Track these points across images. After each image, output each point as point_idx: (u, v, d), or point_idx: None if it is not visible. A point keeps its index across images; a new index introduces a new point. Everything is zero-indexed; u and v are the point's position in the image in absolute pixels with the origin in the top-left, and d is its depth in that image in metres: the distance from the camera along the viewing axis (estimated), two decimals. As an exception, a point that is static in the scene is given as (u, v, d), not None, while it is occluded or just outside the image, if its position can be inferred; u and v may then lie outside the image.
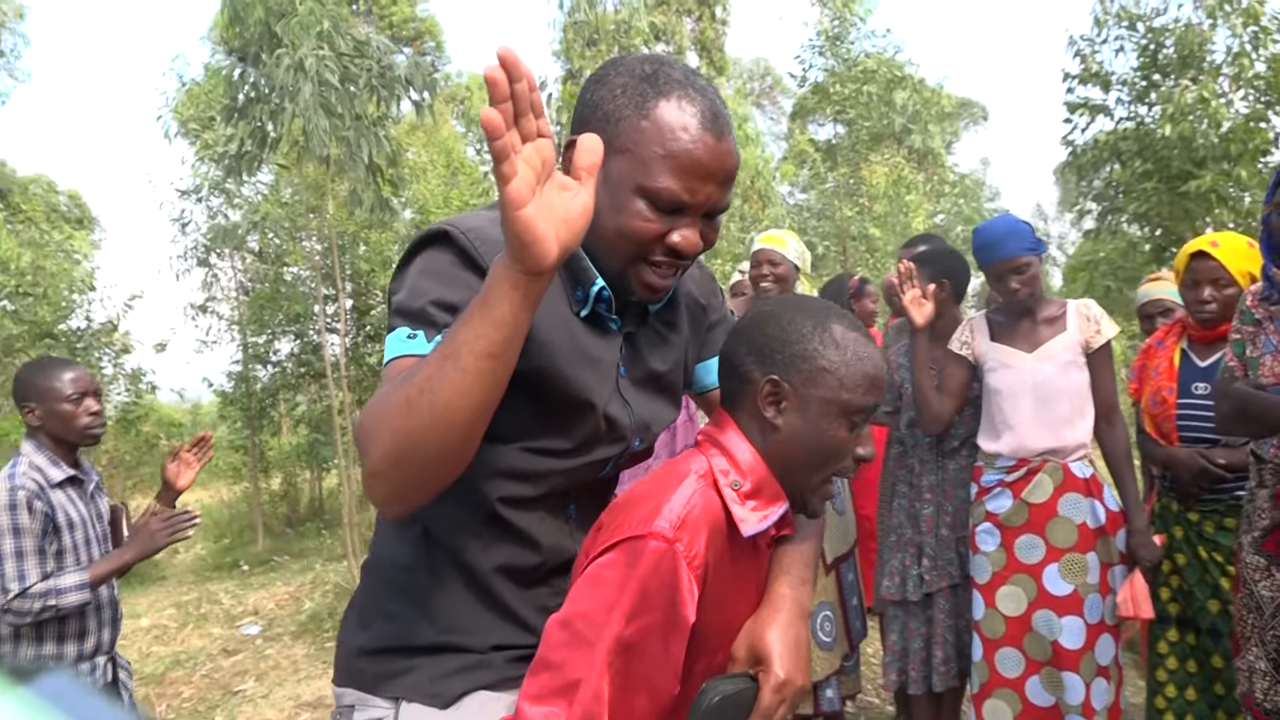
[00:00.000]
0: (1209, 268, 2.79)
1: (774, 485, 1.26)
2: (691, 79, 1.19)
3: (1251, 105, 9.19)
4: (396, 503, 1.08)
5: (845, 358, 1.24)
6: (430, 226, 1.21)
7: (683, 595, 1.14)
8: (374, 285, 9.13)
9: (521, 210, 0.93)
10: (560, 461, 1.26)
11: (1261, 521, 2.41)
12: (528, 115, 0.93)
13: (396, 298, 1.17)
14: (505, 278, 0.97)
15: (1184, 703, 2.87)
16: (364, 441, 1.03)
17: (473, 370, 0.98)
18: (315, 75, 5.21)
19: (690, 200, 1.16)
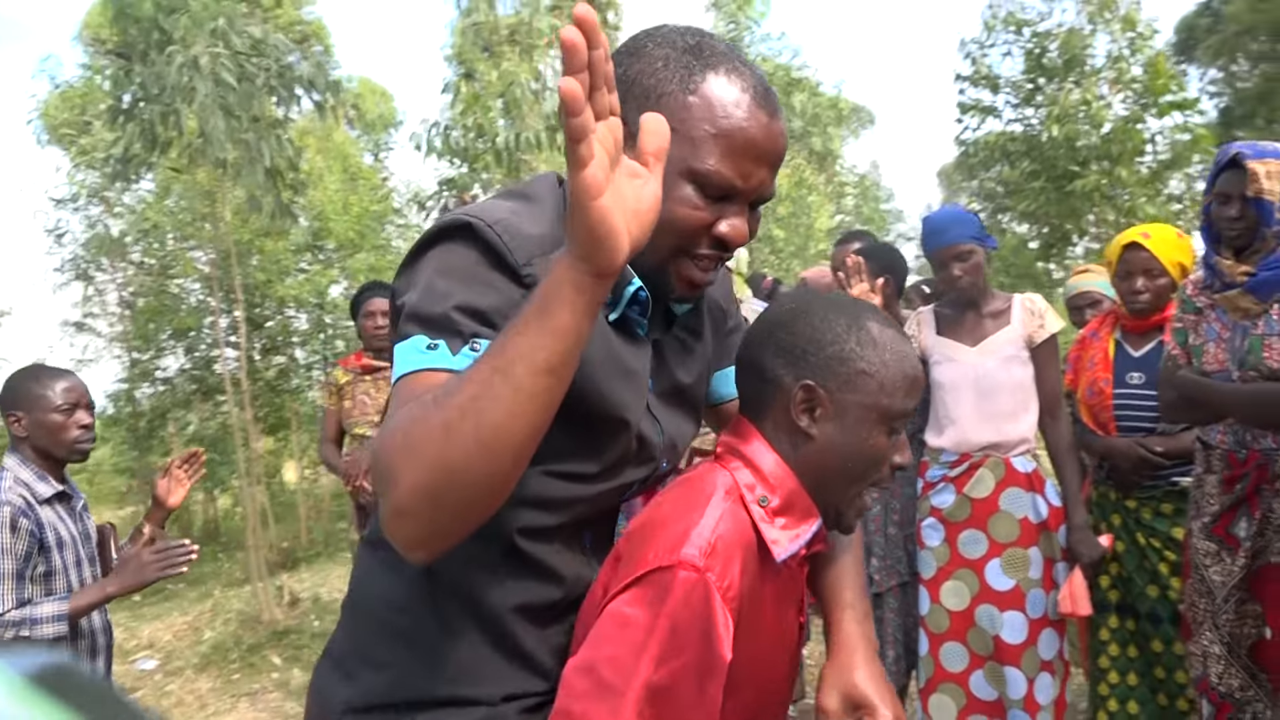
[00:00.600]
0: (1141, 258, 2.83)
1: (805, 500, 1.15)
2: (736, 52, 1.07)
3: (1130, 107, 9.61)
4: (425, 545, 0.91)
5: (885, 358, 1.13)
6: (448, 217, 1.04)
7: (718, 631, 1.02)
8: (270, 296, 8.77)
9: (599, 200, 0.80)
10: (587, 487, 1.12)
11: (1211, 507, 2.44)
12: (602, 89, 0.79)
13: (408, 299, 1.00)
14: (568, 280, 0.83)
15: (1126, 688, 2.91)
16: (389, 473, 0.87)
17: (528, 388, 0.84)
18: (211, 74, 4.92)
19: (742, 185, 1.04)
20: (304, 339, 9.19)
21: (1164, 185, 10.19)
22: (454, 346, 0.95)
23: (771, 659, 1.18)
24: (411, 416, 0.88)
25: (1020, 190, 10.35)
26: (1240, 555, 2.39)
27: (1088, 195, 9.51)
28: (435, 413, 0.85)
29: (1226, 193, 2.36)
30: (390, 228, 10.37)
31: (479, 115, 7.26)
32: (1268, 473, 2.36)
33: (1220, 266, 2.40)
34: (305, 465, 10.21)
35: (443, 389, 0.87)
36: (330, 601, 6.57)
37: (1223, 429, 2.46)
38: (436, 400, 0.87)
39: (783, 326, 1.17)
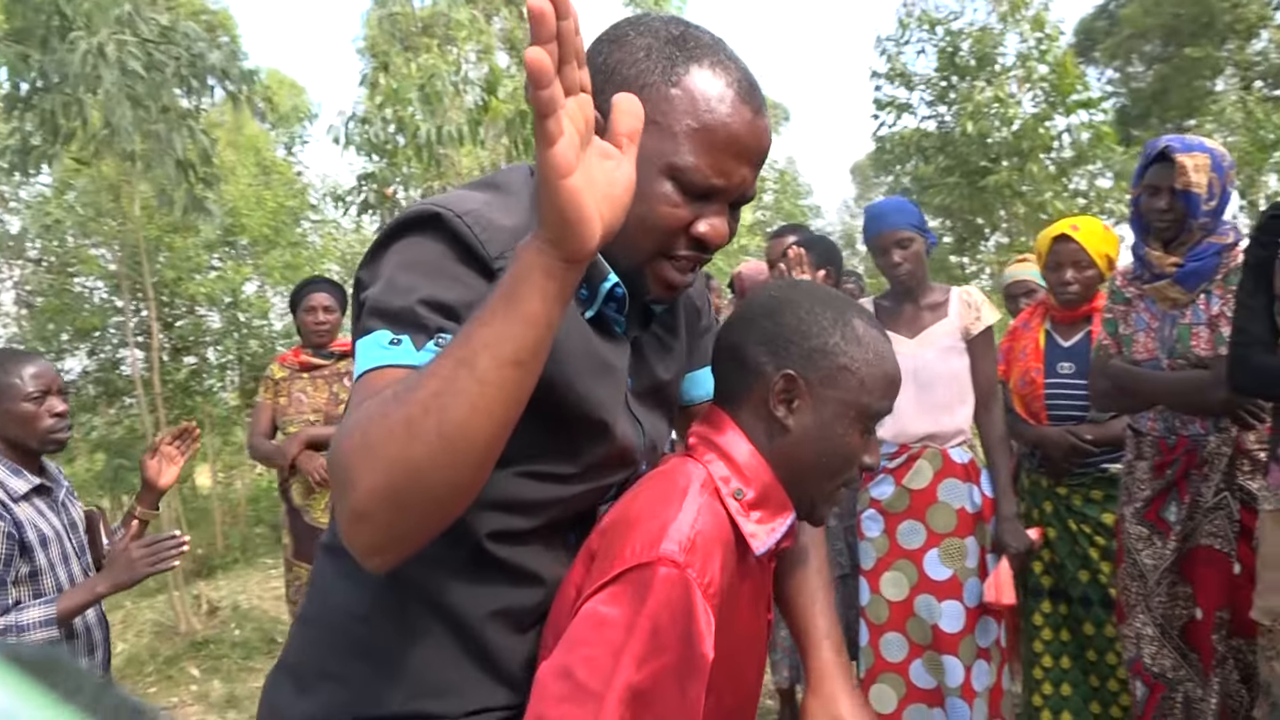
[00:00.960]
0: (1070, 250, 2.89)
1: (780, 493, 1.13)
2: (722, 44, 1.02)
3: (1038, 105, 9.91)
4: (386, 550, 0.85)
5: (867, 356, 1.11)
6: (414, 207, 0.99)
7: (699, 630, 0.98)
8: (180, 295, 8.44)
9: (568, 179, 0.75)
10: (563, 488, 1.07)
11: (1142, 492, 2.51)
12: (572, 62, 0.75)
13: (371, 293, 0.95)
14: (538, 265, 0.79)
15: (1060, 671, 2.98)
16: (346, 475, 0.82)
17: (495, 381, 0.79)
18: (117, 62, 4.69)
19: (724, 184, 1.00)
20: (217, 338, 8.87)
21: (1070, 181, 10.55)
22: (418, 342, 0.91)
23: (746, 658, 1.16)
24: (370, 414, 0.82)
25: (934, 185, 10.59)
26: (1171, 539, 2.46)
27: (999, 190, 9.79)
28: (396, 409, 0.80)
29: (1155, 185, 2.42)
30: (306, 223, 10.09)
31: (398, 109, 7.10)
32: (1196, 458, 2.44)
33: (1149, 258, 2.47)
34: (219, 469, 9.88)
35: (404, 384, 0.82)
36: (250, 609, 6.36)
37: (1153, 416, 2.52)
38: (397, 396, 0.81)
39: (768, 315, 1.14)
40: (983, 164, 9.97)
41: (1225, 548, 2.41)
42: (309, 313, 3.95)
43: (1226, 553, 2.41)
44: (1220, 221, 2.44)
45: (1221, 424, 2.42)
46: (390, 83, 7.48)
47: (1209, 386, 2.32)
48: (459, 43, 9.17)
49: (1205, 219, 2.39)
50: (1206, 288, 2.43)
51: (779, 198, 12.88)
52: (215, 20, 18.32)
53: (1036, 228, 10.31)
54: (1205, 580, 2.44)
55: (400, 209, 6.90)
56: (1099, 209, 10.11)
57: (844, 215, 24.58)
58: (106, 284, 8.58)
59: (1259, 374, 2.07)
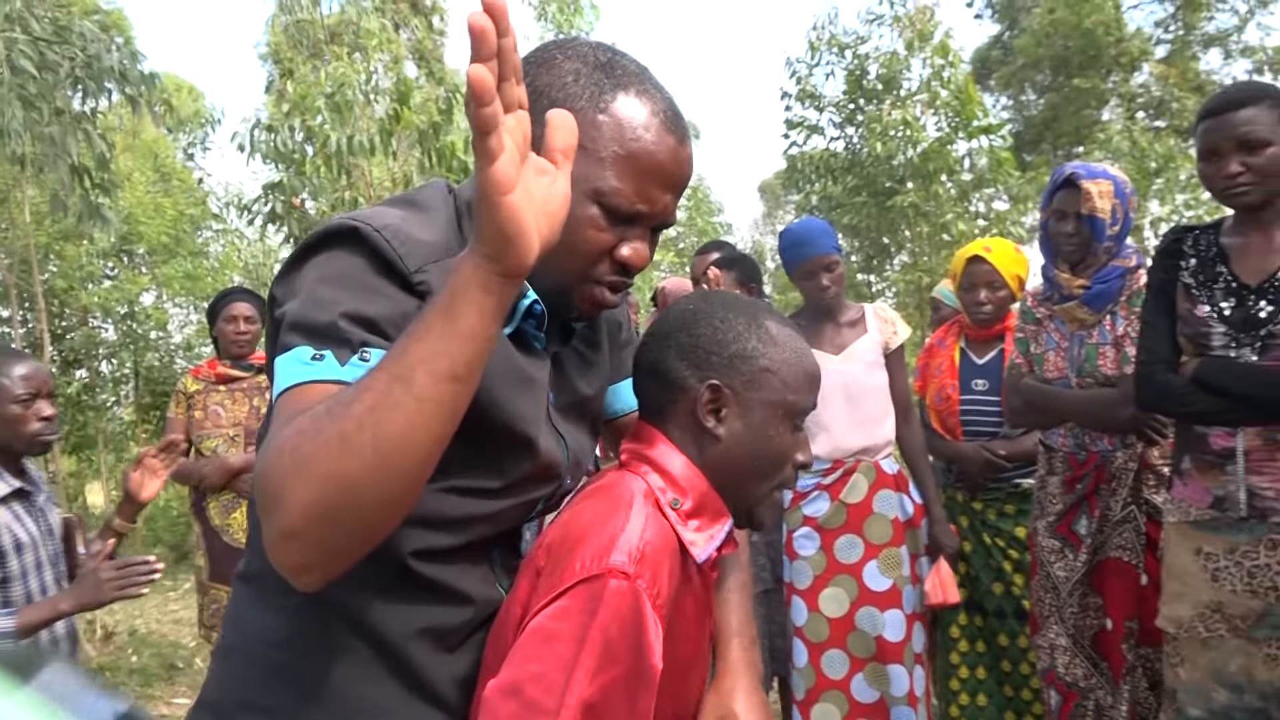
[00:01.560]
0: (984, 271, 2.98)
1: (716, 501, 1.14)
2: (648, 73, 1.05)
3: (941, 129, 10.22)
4: (316, 569, 0.84)
5: (785, 356, 1.14)
6: (331, 221, 0.98)
7: (649, 641, 0.98)
8: (72, 305, 8.06)
9: (509, 196, 0.76)
10: (488, 503, 1.06)
11: (1054, 506, 2.59)
12: (510, 79, 0.76)
13: (289, 308, 0.93)
14: (475, 281, 0.79)
15: (975, 681, 3.05)
16: (275, 493, 0.80)
17: (432, 397, 0.79)
18: (7, 61, 4.46)
19: (647, 209, 1.02)
20: (112, 351, 8.49)
21: (970, 203, 10.90)
22: (342, 357, 0.89)
23: (688, 671, 1.15)
24: (300, 430, 0.80)
25: (843, 205, 10.82)
26: (1082, 551, 2.54)
27: (903, 211, 10.05)
28: (328, 425, 0.79)
29: (1062, 210, 2.51)
30: (208, 232, 9.75)
31: (305, 117, 6.93)
32: (1105, 473, 2.53)
33: (1058, 279, 2.56)
34: (113, 487, 9.44)
35: (335, 400, 0.81)
36: (148, 634, 6.08)
37: (1064, 432, 2.61)
38: (329, 412, 0.80)
39: (683, 329, 1.15)
40: (889, 185, 10.23)
41: (1133, 559, 2.50)
42: (229, 322, 3.80)
43: (1134, 564, 2.50)
44: (1123, 245, 2.54)
45: (1128, 440, 2.51)
46: (297, 90, 7.29)
47: (1116, 404, 2.42)
48: (369, 52, 9.01)
49: (1109, 243, 2.49)
50: (1112, 309, 2.52)
51: (691, 214, 13.00)
52: (109, 20, 17.67)
53: (939, 248, 10.63)
54: (1115, 591, 2.52)
55: (308, 219, 6.71)
56: (998, 230, 10.46)
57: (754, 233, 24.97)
58: (-8, 293, 8.15)
59: (1163, 392, 2.16)
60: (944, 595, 2.85)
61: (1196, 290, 2.13)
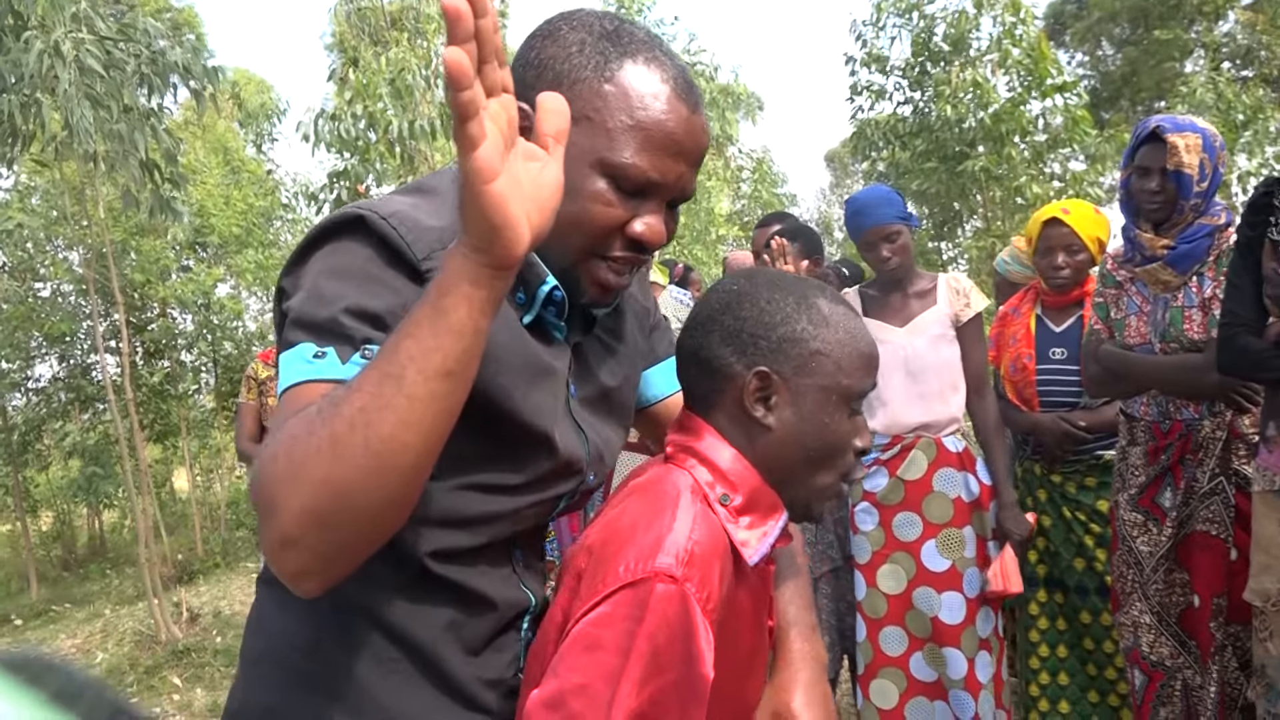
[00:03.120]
0: (1061, 234, 2.84)
1: (770, 495, 1.07)
2: (657, 40, 1.00)
3: (1013, 89, 9.89)
4: (317, 575, 0.81)
5: (839, 337, 1.05)
6: (338, 212, 0.95)
7: (699, 648, 0.92)
8: (151, 298, 8.30)
9: (492, 184, 0.73)
10: (508, 500, 1.02)
11: (1137, 479, 2.47)
12: (492, 62, 0.72)
13: (294, 303, 0.91)
14: (464, 273, 0.76)
15: (1056, 660, 2.94)
16: (271, 498, 0.78)
17: (423, 394, 0.76)
18: (75, 61, 4.56)
19: (660, 180, 0.97)
20: (190, 341, 8.73)
21: (1045, 165, 10.55)
22: (344, 354, 0.87)
23: (748, 672, 1.10)
24: (293, 434, 0.79)
25: (911, 171, 10.56)
26: (1167, 525, 2.42)
27: (975, 176, 9.77)
28: (320, 427, 0.77)
29: (1146, 166, 2.37)
30: (279, 223, 9.94)
31: (368, 104, 6.99)
32: (1191, 443, 2.40)
33: (1140, 240, 2.42)
34: (197, 472, 9.75)
35: (327, 400, 0.79)
36: (232, 615, 6.26)
37: (1146, 401, 2.48)
38: (321, 413, 0.78)
39: (727, 311, 1.08)
40: (959, 149, 9.95)
41: (1221, 533, 2.37)
42: None
43: (1223, 538, 2.37)
44: (1211, 202, 2.39)
45: (1215, 408, 2.38)
46: (359, 78, 7.36)
47: (1202, 370, 2.29)
48: (429, 36, 9.04)
49: (1197, 200, 2.34)
50: (1199, 270, 2.38)
51: (756, 187, 12.82)
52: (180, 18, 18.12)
53: (1013, 212, 10.32)
54: (1202, 566, 2.40)
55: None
56: (1075, 191, 10.10)
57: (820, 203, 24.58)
58: (75, 288, 8.42)
59: (1245, 355, 2.04)
60: (1005, 585, 2.73)
61: (1285, 248, 1.99)
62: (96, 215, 5.99)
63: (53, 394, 8.72)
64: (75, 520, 9.81)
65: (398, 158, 7.10)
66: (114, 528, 9.86)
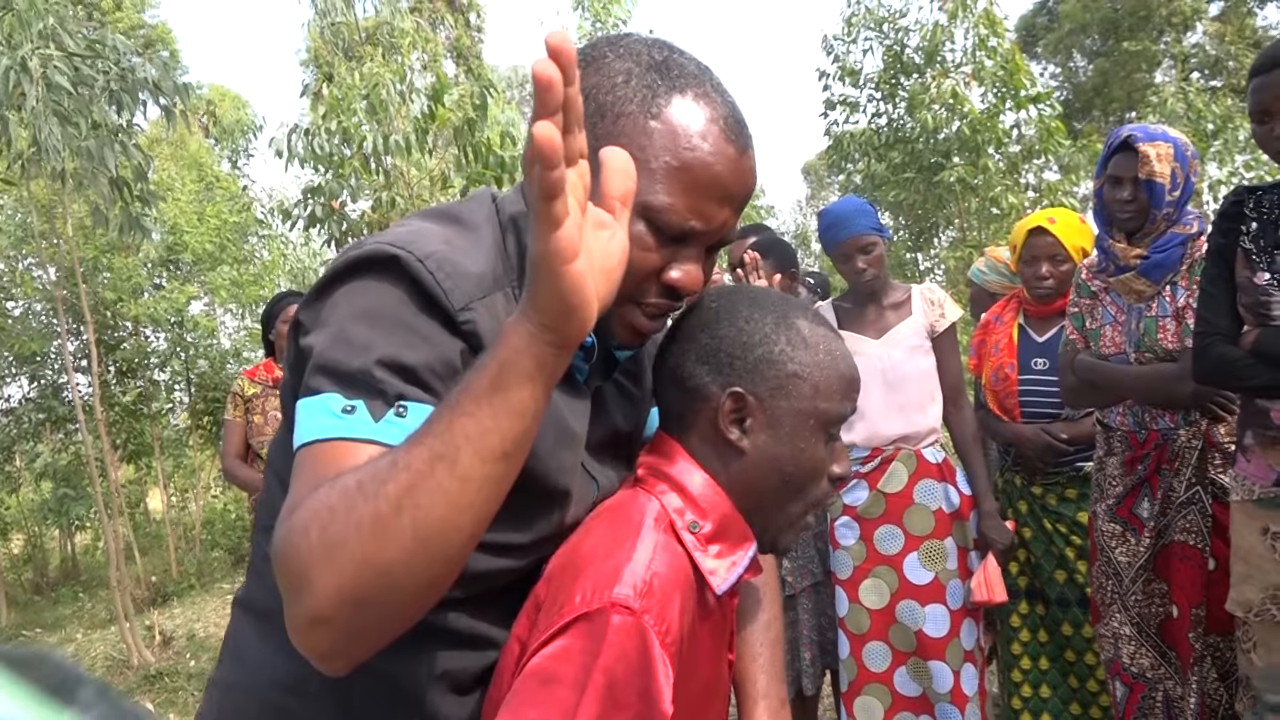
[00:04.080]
0: (1046, 244, 2.83)
1: (740, 524, 1.03)
2: (708, 74, 0.94)
3: (988, 100, 9.96)
4: (343, 655, 0.76)
5: (818, 359, 1.02)
6: (367, 246, 0.87)
7: (658, 684, 0.88)
8: (123, 316, 8.19)
9: (573, 265, 0.68)
10: (511, 560, 0.97)
11: (1114, 489, 2.46)
12: (575, 131, 0.66)
13: (316, 344, 0.84)
14: (530, 353, 0.71)
15: (1038, 672, 2.93)
16: (302, 573, 0.72)
17: (477, 477, 0.71)
18: (42, 78, 4.50)
19: (702, 226, 0.91)
20: (163, 360, 8.62)
21: (1020, 175, 10.62)
22: (376, 411, 0.80)
23: (704, 707, 1.05)
24: (330, 507, 0.72)
25: (888, 182, 10.61)
26: (1145, 535, 2.41)
27: (951, 186, 9.82)
28: (361, 504, 0.71)
29: (1118, 176, 2.37)
30: (254, 239, 9.85)
31: (342, 119, 6.94)
32: (1167, 452, 2.40)
33: (1113, 249, 2.42)
34: (172, 492, 9.62)
35: (369, 473, 0.72)
36: (206, 638, 6.16)
37: (1122, 411, 2.48)
38: (362, 488, 0.72)
39: (704, 329, 1.04)
40: (935, 159, 10.00)
41: (1199, 543, 2.37)
42: (287, 324, 3.81)
43: (1200, 548, 2.37)
44: (1184, 211, 2.39)
45: (1191, 417, 2.38)
46: (334, 93, 7.31)
47: (1177, 379, 2.29)
48: (403, 51, 9.01)
49: (1169, 209, 2.34)
50: (1172, 279, 2.38)
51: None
52: (153, 34, 18.01)
53: (988, 222, 10.37)
54: (1180, 577, 2.39)
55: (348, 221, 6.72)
56: (1050, 201, 10.17)
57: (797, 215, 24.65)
58: (46, 307, 8.31)
59: (1221, 365, 2.04)
60: (989, 594, 2.72)
61: (1257, 256, 1.99)
62: (66, 233, 5.91)
63: (23, 414, 8.58)
64: (47, 543, 9.64)
65: (373, 173, 7.05)
66: (86, 550, 9.69)
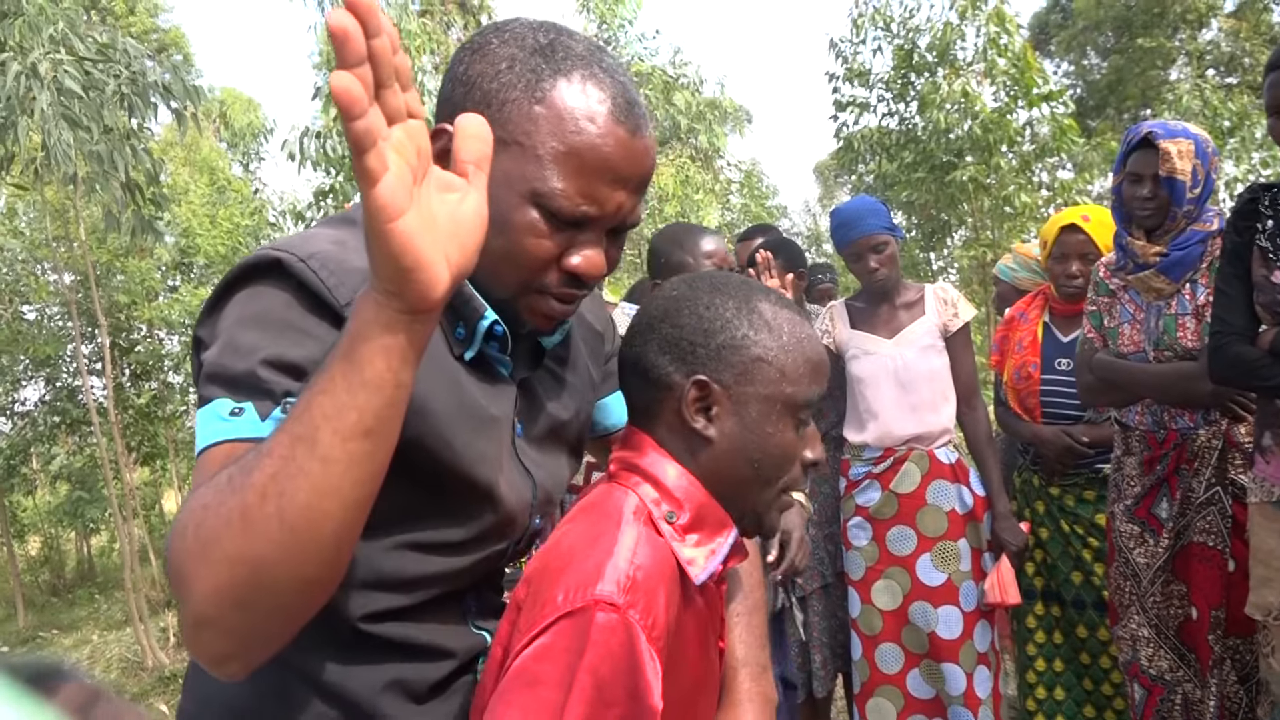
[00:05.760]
0: (1078, 241, 2.79)
1: (717, 511, 1.02)
2: (597, 55, 0.92)
3: (999, 99, 9.90)
4: (235, 659, 0.75)
5: (782, 342, 1.00)
6: (255, 254, 0.87)
7: (645, 680, 0.86)
8: (135, 319, 8.23)
9: (397, 222, 0.65)
10: (448, 560, 0.96)
11: (1132, 489, 2.43)
12: (392, 85, 0.64)
13: (208, 356, 0.84)
14: (377, 320, 0.68)
15: (1053, 674, 2.90)
16: (181, 576, 0.71)
17: (340, 458, 0.68)
18: (53, 83, 4.51)
19: (596, 211, 0.90)
20: (177, 362, 8.65)
21: (1033, 174, 10.55)
22: (263, 410, 0.79)
23: (695, 698, 1.04)
24: (204, 504, 0.71)
25: (900, 182, 10.55)
26: (1164, 536, 2.38)
27: (963, 186, 9.76)
28: (230, 497, 0.70)
29: (1138, 173, 2.34)
30: (265, 242, 9.89)
31: (354, 121, 6.96)
32: (1186, 452, 2.36)
33: (1132, 247, 2.39)
34: (186, 495, 9.65)
35: (239, 466, 0.71)
36: (219, 641, 6.17)
37: (1141, 410, 2.44)
38: (231, 482, 0.70)
39: (666, 318, 1.02)
40: (947, 159, 9.94)
41: (1218, 544, 2.33)
42: None
43: (1220, 550, 2.33)
44: (1204, 209, 2.35)
45: (1211, 417, 2.34)
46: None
47: (1196, 378, 2.25)
48: (412, 54, 9.02)
49: (1190, 206, 2.31)
50: (1192, 277, 2.35)
51: (746, 200, 12.81)
52: (166, 39, 18.11)
53: (1001, 221, 10.31)
54: (1199, 578, 2.35)
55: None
56: (1064, 200, 10.11)
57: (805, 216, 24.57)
58: (61, 311, 8.36)
59: (1238, 364, 2.01)
60: (1002, 596, 2.68)
61: (1274, 254, 1.96)
62: (79, 237, 5.93)
63: (39, 417, 8.63)
64: (64, 545, 9.70)
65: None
66: (102, 552, 9.75)
